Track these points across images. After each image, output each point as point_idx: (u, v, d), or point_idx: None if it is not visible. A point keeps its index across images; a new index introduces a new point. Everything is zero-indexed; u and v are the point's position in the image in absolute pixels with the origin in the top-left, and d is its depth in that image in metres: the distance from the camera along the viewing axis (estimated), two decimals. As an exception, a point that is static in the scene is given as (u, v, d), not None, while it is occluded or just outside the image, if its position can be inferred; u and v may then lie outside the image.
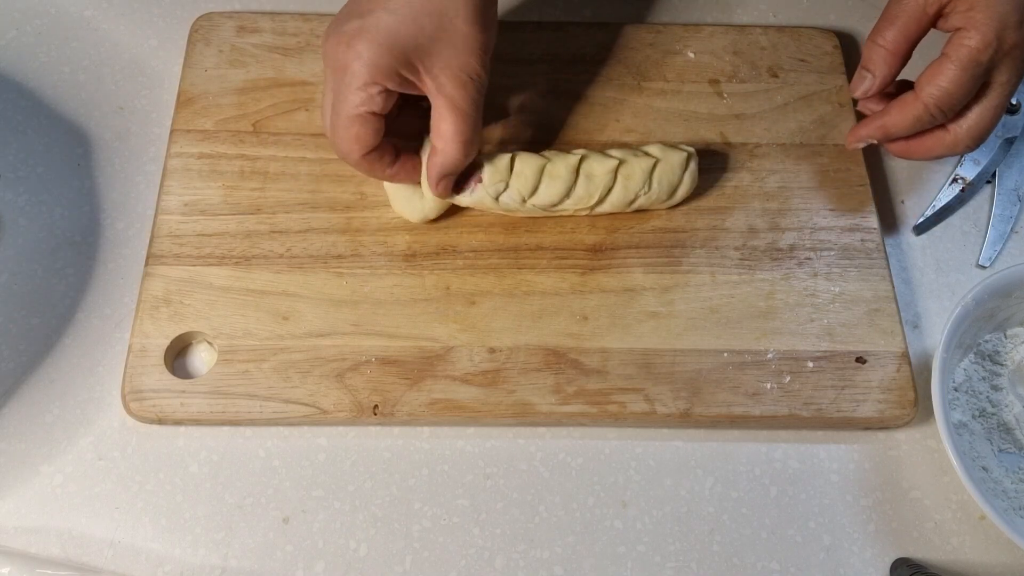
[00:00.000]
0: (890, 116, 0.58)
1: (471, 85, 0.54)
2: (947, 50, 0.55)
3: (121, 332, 0.58)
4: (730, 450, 0.57)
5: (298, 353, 0.56)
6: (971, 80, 0.55)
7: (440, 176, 0.56)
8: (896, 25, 0.56)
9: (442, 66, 0.53)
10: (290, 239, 0.60)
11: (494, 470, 0.56)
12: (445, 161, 0.55)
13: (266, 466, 0.56)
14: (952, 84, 0.55)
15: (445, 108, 0.54)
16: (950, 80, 0.54)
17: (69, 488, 0.54)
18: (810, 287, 0.60)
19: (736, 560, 0.54)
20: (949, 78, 0.54)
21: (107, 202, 0.63)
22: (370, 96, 0.52)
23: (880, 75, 0.58)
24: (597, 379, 0.57)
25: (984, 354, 0.59)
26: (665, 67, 0.69)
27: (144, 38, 0.70)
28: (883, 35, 0.57)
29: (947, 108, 0.56)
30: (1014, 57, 0.55)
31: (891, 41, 0.57)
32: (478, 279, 0.60)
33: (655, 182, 0.60)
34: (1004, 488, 0.55)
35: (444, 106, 0.54)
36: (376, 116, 0.54)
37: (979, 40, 0.53)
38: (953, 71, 0.54)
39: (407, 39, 0.52)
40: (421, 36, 0.52)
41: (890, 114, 0.58)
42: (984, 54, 0.54)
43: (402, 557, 0.54)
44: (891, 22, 0.56)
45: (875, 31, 0.57)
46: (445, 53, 0.53)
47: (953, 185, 0.66)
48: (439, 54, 0.53)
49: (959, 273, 0.64)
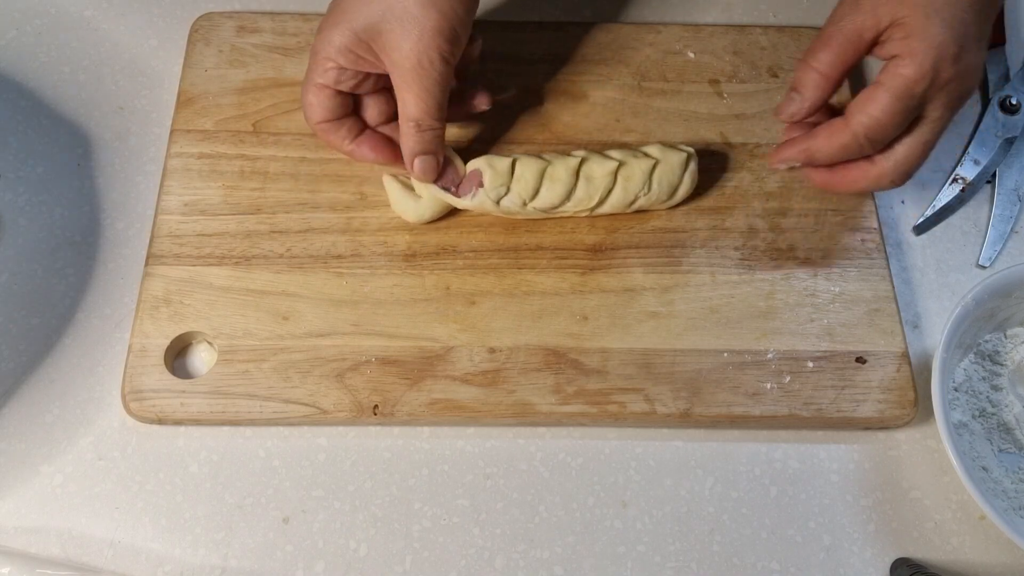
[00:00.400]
0: (816, 140, 0.56)
1: (422, 68, 0.55)
2: (881, 78, 0.52)
3: (121, 332, 0.58)
4: (730, 450, 0.57)
5: (298, 353, 0.56)
6: (904, 111, 0.52)
7: (411, 156, 0.58)
8: (831, 48, 0.54)
9: (394, 47, 0.55)
10: (290, 239, 0.60)
11: (494, 470, 0.56)
12: (410, 141, 0.57)
13: (266, 466, 0.56)
14: (884, 114, 0.52)
15: (403, 90, 0.56)
16: (882, 109, 0.52)
17: (69, 488, 0.54)
18: (810, 287, 0.60)
19: (736, 560, 0.54)
20: (881, 107, 0.52)
21: (107, 202, 0.63)
22: (324, 70, 0.56)
23: (810, 98, 0.55)
24: (597, 379, 0.57)
25: (984, 354, 0.59)
26: (665, 67, 0.69)
27: (144, 38, 0.70)
28: (817, 57, 0.54)
29: (876, 138, 0.54)
30: (949, 92, 0.52)
31: (825, 64, 0.54)
32: (478, 279, 0.60)
33: (655, 183, 0.60)
34: (1004, 488, 0.55)
35: (402, 87, 0.56)
36: (329, 89, 0.57)
37: (915, 70, 0.51)
38: (886, 100, 0.52)
39: (360, 20, 0.55)
40: (371, 18, 0.54)
41: (817, 138, 0.56)
42: (919, 85, 0.51)
43: (402, 557, 0.54)
44: (826, 44, 0.54)
45: (809, 52, 0.55)
46: (397, 34, 0.54)
47: (953, 185, 0.66)
48: (390, 34, 0.54)
49: (959, 273, 0.64)
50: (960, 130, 0.69)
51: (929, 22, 0.51)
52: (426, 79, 0.55)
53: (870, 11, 0.52)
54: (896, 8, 0.52)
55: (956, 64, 0.51)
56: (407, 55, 0.54)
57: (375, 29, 0.55)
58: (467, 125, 0.65)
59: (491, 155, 0.60)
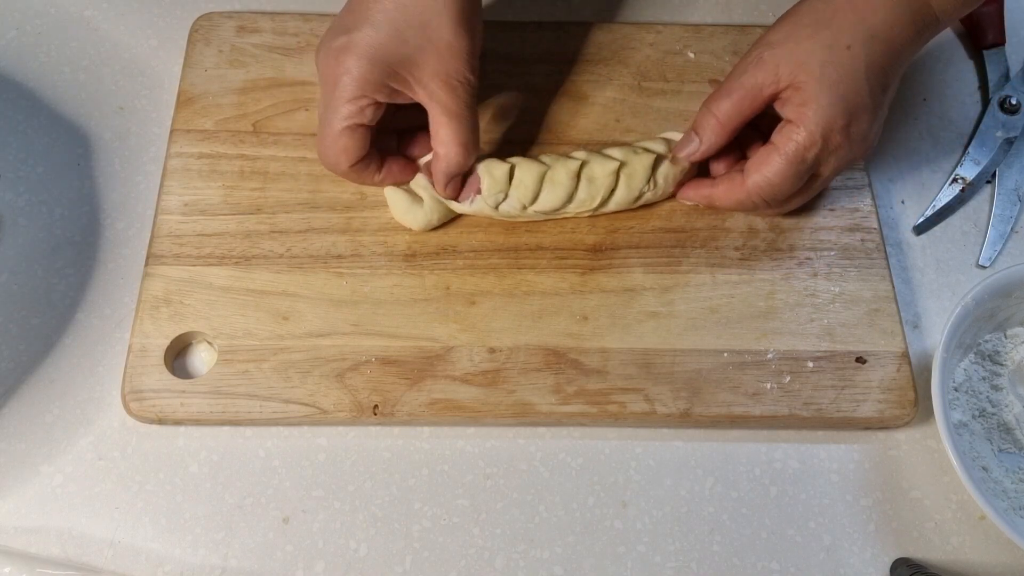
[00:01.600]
0: (717, 191, 0.60)
1: (461, 90, 0.55)
2: (776, 140, 0.56)
3: (121, 332, 0.58)
4: (730, 450, 0.57)
5: (298, 353, 0.56)
6: (795, 176, 0.56)
7: (446, 179, 0.58)
8: (732, 99, 0.57)
9: (431, 75, 0.55)
10: (290, 239, 0.60)
11: (494, 470, 0.56)
12: (448, 164, 0.57)
13: (266, 466, 0.56)
14: (777, 176, 0.56)
15: (440, 114, 0.56)
16: (775, 172, 0.56)
17: (69, 488, 0.54)
18: (810, 287, 0.60)
19: (736, 560, 0.54)
20: (775, 170, 0.56)
21: (107, 202, 0.63)
22: (360, 109, 0.55)
23: (707, 143, 0.58)
24: (597, 379, 0.57)
25: (984, 354, 0.59)
26: (665, 67, 0.69)
27: (144, 38, 0.70)
28: (718, 105, 0.57)
29: (770, 199, 0.57)
30: (838, 156, 0.56)
31: (723, 113, 0.57)
32: (478, 279, 0.60)
33: (659, 178, 0.60)
34: (1004, 488, 0.55)
35: (439, 112, 0.56)
36: (364, 128, 0.56)
37: (806, 138, 0.54)
38: (779, 164, 0.55)
39: (392, 52, 0.54)
40: (406, 48, 0.54)
41: (718, 189, 0.59)
42: (810, 152, 0.55)
43: (402, 557, 0.54)
44: (728, 95, 0.57)
45: (712, 98, 0.58)
46: (432, 62, 0.54)
47: (953, 185, 0.66)
48: (426, 64, 0.54)
49: (959, 273, 0.64)
50: (960, 130, 0.69)
51: (822, 92, 0.54)
52: (462, 102, 0.56)
53: (772, 70, 0.55)
54: (796, 71, 0.54)
55: (845, 133, 0.55)
56: (445, 81, 0.55)
57: (411, 60, 0.54)
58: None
59: (490, 160, 0.60)
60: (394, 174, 0.60)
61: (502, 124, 0.65)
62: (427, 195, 0.60)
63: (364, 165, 0.58)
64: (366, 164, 0.58)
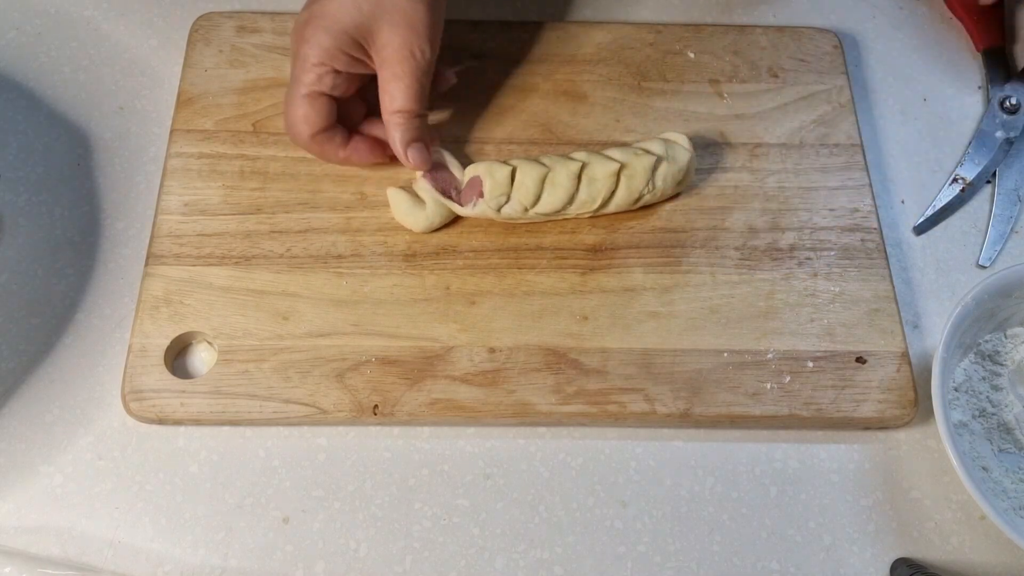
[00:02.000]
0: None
1: (413, 59, 0.56)
2: None
3: (121, 332, 0.58)
4: (730, 450, 0.57)
5: (298, 353, 0.56)
6: None
7: (404, 146, 0.58)
8: None
9: (384, 43, 0.56)
10: (290, 239, 0.60)
11: (494, 470, 0.56)
12: (401, 132, 0.58)
13: (266, 466, 0.56)
14: None
15: (391, 82, 0.57)
16: None
17: (69, 488, 0.54)
18: (810, 287, 0.60)
19: (736, 560, 0.54)
20: None
21: (107, 202, 0.63)
22: (318, 76, 0.56)
23: None
24: (597, 379, 0.57)
25: (984, 354, 0.59)
26: (665, 67, 0.69)
27: (144, 38, 0.70)
28: None
29: None
30: None
31: None
32: (478, 279, 0.60)
33: (659, 179, 0.60)
34: (1004, 488, 0.55)
35: (388, 79, 0.57)
36: (325, 97, 0.57)
37: None
38: None
39: (349, 22, 0.55)
40: (361, 16, 0.55)
41: None
42: None
43: (402, 557, 0.54)
44: None
45: None
46: (387, 30, 0.55)
47: (953, 185, 0.66)
48: (380, 31, 0.56)
49: (959, 273, 0.64)
50: (960, 130, 0.69)
51: None
52: (416, 70, 0.56)
53: None
54: None
55: None
56: (398, 48, 0.56)
57: (366, 27, 0.55)
58: (467, 125, 0.65)
59: (491, 162, 0.60)
60: (360, 152, 0.60)
61: (502, 124, 0.66)
62: (429, 198, 0.60)
63: (328, 137, 0.59)
64: (330, 136, 0.59)
